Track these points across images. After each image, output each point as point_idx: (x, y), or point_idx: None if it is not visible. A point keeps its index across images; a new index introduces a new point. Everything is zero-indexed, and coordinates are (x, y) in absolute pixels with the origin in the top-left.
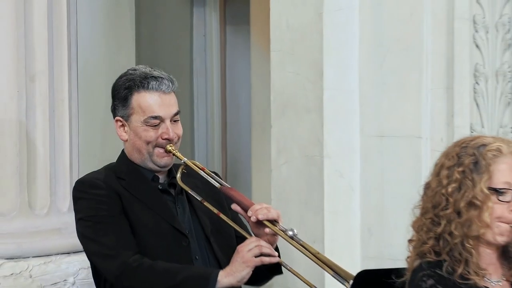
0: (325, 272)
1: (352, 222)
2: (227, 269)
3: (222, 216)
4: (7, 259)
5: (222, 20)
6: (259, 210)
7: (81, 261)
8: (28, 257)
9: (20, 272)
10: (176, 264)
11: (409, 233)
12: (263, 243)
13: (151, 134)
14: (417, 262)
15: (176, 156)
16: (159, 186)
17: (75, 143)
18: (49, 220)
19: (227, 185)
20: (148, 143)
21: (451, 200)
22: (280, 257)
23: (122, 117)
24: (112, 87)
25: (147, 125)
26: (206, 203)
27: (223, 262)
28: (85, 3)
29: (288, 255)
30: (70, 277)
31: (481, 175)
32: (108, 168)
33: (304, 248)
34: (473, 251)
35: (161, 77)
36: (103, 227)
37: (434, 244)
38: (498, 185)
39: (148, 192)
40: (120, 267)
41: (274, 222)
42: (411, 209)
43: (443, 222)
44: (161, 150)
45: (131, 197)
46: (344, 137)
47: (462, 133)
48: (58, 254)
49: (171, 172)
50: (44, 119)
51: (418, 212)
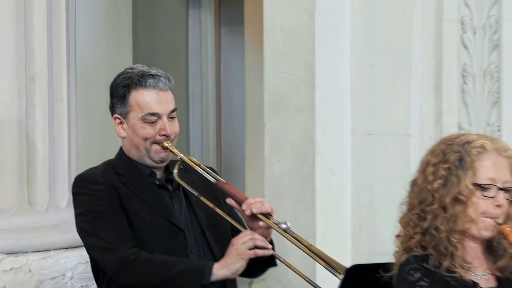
0: (317, 265)
1: (343, 218)
2: (222, 262)
3: (218, 211)
4: (7, 254)
5: (217, 22)
6: (253, 204)
7: (79, 256)
8: (28, 252)
9: (20, 267)
10: (173, 257)
11: (398, 229)
12: (257, 236)
13: (149, 131)
14: (404, 257)
15: (173, 152)
16: (156, 182)
17: (74, 142)
18: (48, 217)
19: (223, 180)
20: (146, 140)
21: (437, 196)
22: (275, 250)
23: (120, 115)
24: (111, 86)
25: (145, 122)
26: (202, 198)
27: (218, 256)
28: (84, 5)
29: (282, 248)
30: (68, 272)
31: (466, 171)
32: (107, 164)
33: (297, 241)
34: (459, 245)
35: (158, 75)
36: (102, 222)
37: (421, 239)
38: (483, 181)
39: (146, 188)
40: (118, 261)
41: (268, 216)
42: (397, 206)
43: (429, 217)
44: (159, 147)
45: (129, 192)
46: (336, 136)
47: (451, 132)
48: (57, 249)
49: (168, 168)
50: (44, 118)
51: (405, 208)
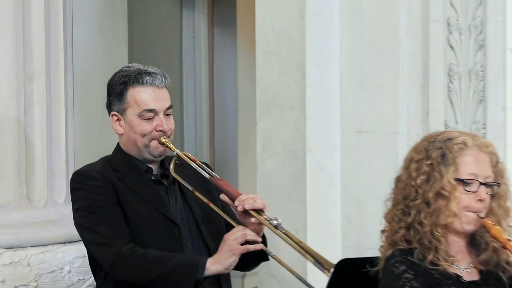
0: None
1: (333, 213)
2: (215, 257)
3: (212, 206)
4: (7, 249)
5: (210, 22)
6: (246, 200)
7: (77, 250)
8: (27, 247)
9: (19, 261)
10: (167, 253)
11: (383, 224)
12: (248, 232)
13: (146, 128)
14: (390, 251)
15: (169, 148)
16: (152, 177)
17: (71, 139)
18: (46, 212)
19: (217, 176)
20: (144, 136)
21: (420, 191)
22: (267, 245)
23: (118, 112)
24: (108, 84)
25: (142, 118)
26: (197, 193)
27: (213, 249)
28: (81, 7)
29: (275, 243)
30: (66, 266)
31: (448, 167)
32: (104, 160)
33: (288, 237)
34: (442, 239)
35: (155, 73)
36: (99, 217)
37: (405, 233)
38: (464, 176)
39: (142, 183)
40: (114, 256)
41: (260, 212)
42: (384, 202)
43: (413, 212)
44: (156, 143)
45: (126, 188)
46: (326, 133)
47: (437, 129)
48: (55, 244)
49: (164, 164)
50: (42, 117)
51: (390, 204)
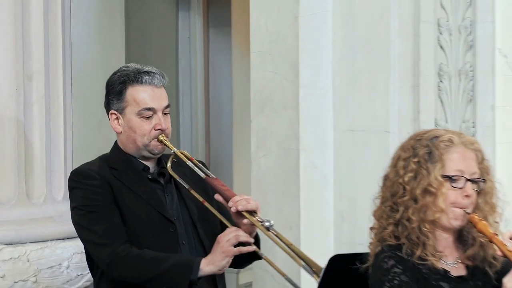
0: None
1: (326, 210)
2: (209, 258)
3: (207, 205)
4: (6, 245)
5: (206, 23)
6: (239, 202)
7: (75, 246)
8: (26, 243)
9: (19, 257)
10: (162, 253)
11: (372, 222)
12: (241, 233)
13: (146, 127)
14: (379, 247)
15: (167, 146)
16: (149, 176)
17: (69, 138)
18: (45, 209)
19: (212, 176)
20: (144, 136)
21: (408, 188)
22: (260, 244)
23: (117, 110)
24: (107, 83)
25: (141, 117)
26: (193, 191)
27: (208, 247)
28: (79, 8)
29: (269, 243)
30: (65, 261)
31: (435, 164)
32: (102, 159)
33: (279, 239)
34: (430, 235)
35: (153, 72)
36: (96, 217)
37: (394, 229)
38: (451, 173)
39: (138, 181)
40: (110, 256)
41: (253, 213)
42: (372, 199)
43: (401, 209)
44: (155, 142)
45: (122, 186)
46: (319, 132)
47: (428, 128)
48: (54, 240)
49: (161, 162)
50: (41, 116)
51: (378, 202)
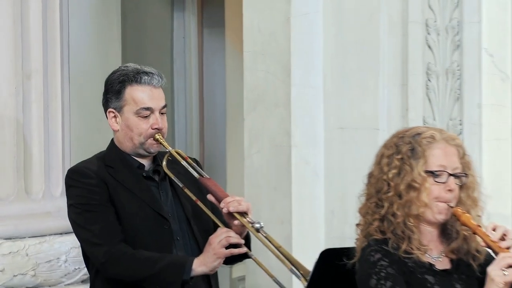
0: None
1: (317, 205)
2: (201, 258)
3: (199, 204)
4: (6, 239)
5: (200, 24)
6: (231, 203)
7: (73, 241)
8: (25, 237)
9: (18, 251)
10: (156, 253)
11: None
12: (232, 234)
13: (143, 126)
14: (365, 242)
15: (163, 145)
16: (144, 174)
17: (67, 135)
18: (44, 204)
19: (206, 176)
20: (141, 135)
21: (392, 184)
22: (251, 244)
23: (115, 109)
24: (106, 82)
25: (139, 116)
26: (186, 190)
27: (202, 244)
28: (76, 9)
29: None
30: (63, 255)
31: (418, 160)
32: (98, 158)
33: (268, 241)
34: (415, 229)
35: (152, 73)
36: (92, 216)
37: (379, 225)
38: (434, 168)
39: (133, 179)
40: (105, 255)
41: (244, 214)
42: (357, 197)
43: (386, 205)
44: (152, 141)
45: (118, 184)
46: (310, 129)
47: (416, 125)
48: (52, 235)
49: (156, 160)
50: (39, 114)
51: (364, 199)
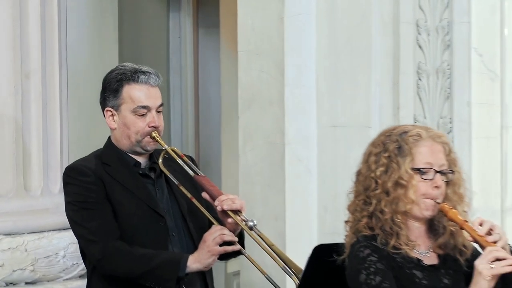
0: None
1: (310, 202)
2: (195, 255)
3: (194, 201)
4: (5, 235)
5: (195, 24)
6: (225, 201)
7: (71, 237)
8: (24, 233)
9: (17, 247)
10: (152, 250)
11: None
12: (226, 232)
13: (140, 124)
14: (354, 239)
15: (159, 143)
16: (140, 171)
17: (65, 133)
18: (42, 201)
19: (201, 174)
20: (138, 133)
21: (380, 182)
22: (244, 241)
23: (113, 107)
24: (103, 80)
25: (136, 114)
26: (182, 188)
27: (197, 240)
28: (74, 10)
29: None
30: (61, 251)
31: (405, 158)
32: (96, 155)
33: (261, 239)
34: (402, 225)
35: (149, 72)
36: (89, 214)
37: (368, 221)
38: (420, 165)
39: (130, 177)
40: (102, 252)
41: (238, 213)
42: (346, 195)
43: (374, 202)
44: (148, 138)
45: (114, 182)
46: (303, 127)
47: (408, 124)
48: (50, 231)
49: (152, 157)
50: (38, 112)
51: (352, 196)
